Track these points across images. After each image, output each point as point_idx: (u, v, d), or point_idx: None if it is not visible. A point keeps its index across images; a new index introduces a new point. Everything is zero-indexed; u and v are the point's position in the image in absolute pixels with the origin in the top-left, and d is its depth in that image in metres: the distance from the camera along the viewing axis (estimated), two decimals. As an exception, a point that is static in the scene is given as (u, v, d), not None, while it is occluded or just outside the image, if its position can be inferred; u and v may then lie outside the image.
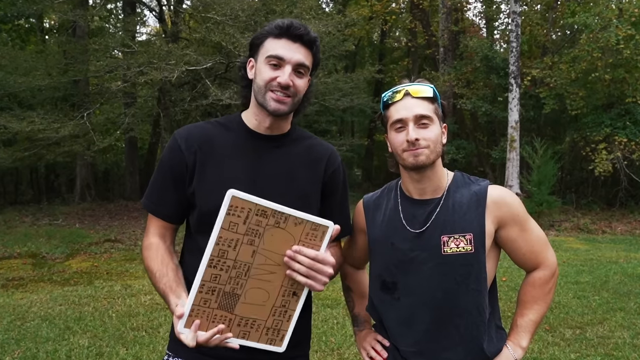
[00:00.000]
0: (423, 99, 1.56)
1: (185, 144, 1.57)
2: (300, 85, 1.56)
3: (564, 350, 4.31)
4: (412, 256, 1.57)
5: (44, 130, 11.55)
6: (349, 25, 14.15)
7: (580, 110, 13.58)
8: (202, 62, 11.21)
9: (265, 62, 1.53)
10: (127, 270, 7.71)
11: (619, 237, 11.22)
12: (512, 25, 13.45)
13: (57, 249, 9.32)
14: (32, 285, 6.82)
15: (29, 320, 5.17)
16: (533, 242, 1.61)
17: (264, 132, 1.62)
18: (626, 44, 12.12)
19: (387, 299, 1.63)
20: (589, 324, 5.04)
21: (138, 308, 5.58)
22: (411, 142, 1.52)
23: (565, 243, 10.13)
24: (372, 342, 1.71)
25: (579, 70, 13.20)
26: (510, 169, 12.99)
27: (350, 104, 14.59)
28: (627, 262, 8.11)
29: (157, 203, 1.63)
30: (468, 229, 1.54)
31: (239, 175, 1.56)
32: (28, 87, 12.73)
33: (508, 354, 1.60)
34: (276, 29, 1.53)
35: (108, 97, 14.28)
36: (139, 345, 4.44)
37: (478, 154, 17.01)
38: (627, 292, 6.19)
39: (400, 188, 1.69)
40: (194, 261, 1.55)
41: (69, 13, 12.61)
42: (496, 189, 1.60)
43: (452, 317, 1.55)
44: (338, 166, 1.71)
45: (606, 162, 12.85)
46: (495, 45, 18.64)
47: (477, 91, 15.80)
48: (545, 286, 1.63)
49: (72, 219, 12.86)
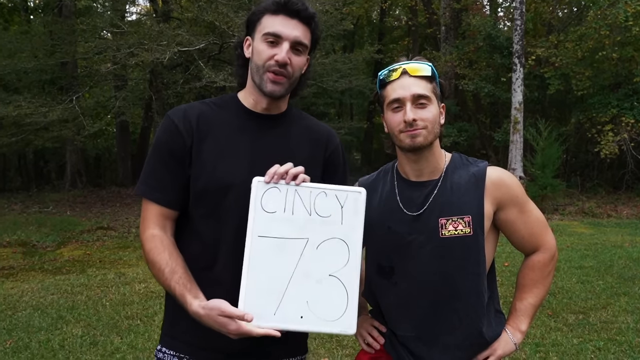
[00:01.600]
0: (421, 78, 1.56)
1: (183, 124, 1.55)
2: (298, 64, 1.56)
3: (567, 336, 4.36)
4: (410, 240, 1.58)
5: (32, 115, 11.49)
6: (347, 3, 14.05)
7: (586, 91, 13.52)
8: (194, 42, 11.12)
9: (262, 40, 1.53)
10: (120, 258, 7.74)
11: (624, 221, 11.26)
12: (517, 2, 13.33)
13: (48, 237, 9.34)
14: (22, 275, 6.85)
15: (20, 310, 5.21)
16: (532, 224, 1.63)
17: (261, 111, 1.62)
18: (635, 20, 11.99)
19: (384, 284, 1.64)
20: (592, 308, 5.09)
21: (132, 296, 5.62)
22: (408, 123, 1.52)
23: (569, 227, 10.18)
24: (368, 328, 1.72)
25: (585, 49, 13.11)
26: (513, 151, 12.99)
27: (349, 86, 14.51)
28: (632, 246, 8.16)
29: (156, 188, 1.55)
30: (466, 211, 1.55)
31: (239, 154, 1.56)
32: (13, 69, 12.64)
33: (507, 339, 1.62)
34: (273, 5, 1.52)
35: (97, 80, 14.20)
36: (133, 333, 4.48)
37: (480, 136, 17.00)
38: (632, 277, 6.24)
39: (397, 170, 1.69)
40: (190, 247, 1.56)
41: (55, -10, 12.50)
42: (495, 170, 1.61)
43: (451, 301, 1.57)
44: (337, 146, 1.72)
45: (612, 144, 12.83)
46: (499, 24, 18.48)
47: (480, 71, 15.72)
48: (544, 269, 1.65)
49: (62, 207, 12.87)
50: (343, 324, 1.38)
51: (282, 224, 1.40)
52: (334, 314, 1.38)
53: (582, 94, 13.72)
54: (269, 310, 1.37)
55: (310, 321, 1.38)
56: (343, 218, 1.42)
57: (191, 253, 1.54)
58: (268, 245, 1.39)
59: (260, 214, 1.39)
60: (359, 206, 1.43)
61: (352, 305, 1.39)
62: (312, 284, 1.38)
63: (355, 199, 1.42)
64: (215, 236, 1.53)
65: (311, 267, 1.39)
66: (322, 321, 1.38)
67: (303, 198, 1.41)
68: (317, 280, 1.39)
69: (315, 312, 1.38)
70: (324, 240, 1.40)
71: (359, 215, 1.42)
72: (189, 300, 1.40)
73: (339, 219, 1.41)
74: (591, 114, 13.76)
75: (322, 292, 1.38)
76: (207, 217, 1.54)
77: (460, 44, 16.42)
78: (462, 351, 1.60)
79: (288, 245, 1.39)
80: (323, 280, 1.39)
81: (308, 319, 1.38)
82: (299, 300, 1.38)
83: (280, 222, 1.40)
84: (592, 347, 4.11)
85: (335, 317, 1.38)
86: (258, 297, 1.37)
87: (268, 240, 1.39)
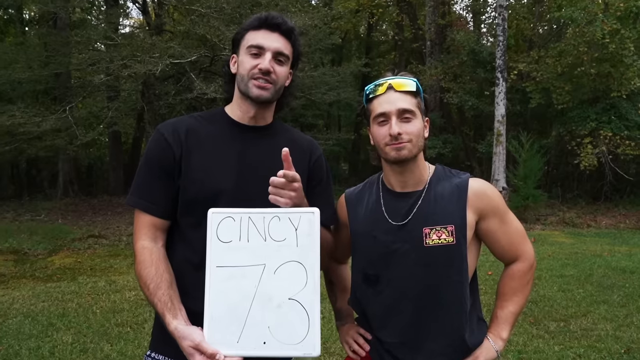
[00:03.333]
0: (406, 93, 1.57)
1: (172, 137, 1.58)
2: (281, 73, 1.60)
3: (548, 343, 4.38)
4: (394, 248, 1.58)
5: (25, 124, 11.39)
6: (335, 18, 14.13)
7: (566, 105, 13.66)
8: (186, 55, 11.11)
9: (246, 53, 1.59)
10: (111, 266, 7.66)
11: (603, 231, 11.36)
12: (499, 19, 13.48)
13: (40, 245, 9.21)
14: (13, 282, 6.75)
15: (10, 317, 5.13)
16: (512, 234, 1.64)
17: (248, 122, 1.64)
18: (612, 38, 12.16)
19: (369, 292, 1.65)
20: (572, 316, 5.11)
21: (123, 304, 5.56)
22: (394, 136, 1.53)
23: (550, 237, 10.26)
24: (354, 336, 1.72)
25: (565, 65, 13.27)
26: (496, 163, 13.08)
27: (337, 98, 14.56)
28: (611, 255, 8.23)
29: (147, 199, 1.56)
30: (449, 221, 1.56)
31: (226, 164, 1.57)
32: (8, 80, 12.52)
33: (489, 346, 1.63)
34: (255, 21, 1.60)
35: (91, 91, 14.10)
36: (123, 341, 4.43)
37: (465, 148, 17.11)
38: (611, 285, 6.29)
39: (382, 181, 1.70)
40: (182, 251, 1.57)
41: (50, 4, 12.42)
42: (477, 181, 1.62)
43: (434, 309, 1.57)
44: (319, 156, 1.74)
45: (591, 156, 12.98)
46: (482, 39, 18.71)
47: (464, 85, 15.86)
48: (523, 278, 1.66)
49: (54, 215, 12.72)
50: (306, 346, 1.35)
51: (239, 253, 1.39)
52: (296, 337, 1.36)
53: (562, 108, 13.86)
54: (232, 339, 1.36)
55: (273, 346, 1.36)
56: (298, 240, 1.39)
57: (184, 255, 1.57)
58: (226, 275, 1.38)
59: (216, 245, 1.39)
60: (314, 227, 1.40)
61: (313, 326, 1.36)
62: (273, 308, 1.37)
63: (309, 220, 1.40)
64: (204, 244, 1.52)
65: (270, 292, 1.37)
66: (285, 345, 1.36)
67: (257, 224, 1.40)
68: (277, 304, 1.37)
69: (277, 337, 1.36)
70: (280, 265, 1.38)
71: (314, 235, 1.39)
72: (168, 320, 1.42)
73: (294, 241, 1.39)
74: (571, 127, 13.91)
75: (282, 316, 1.37)
76: (196, 226, 1.55)
77: (445, 59, 16.57)
78: (445, 357, 1.60)
79: (246, 273, 1.38)
80: (283, 305, 1.37)
81: (271, 344, 1.36)
82: (260, 326, 1.36)
83: (237, 251, 1.39)
84: (573, 354, 4.13)
85: (298, 340, 1.36)
86: (221, 326, 1.37)
87: (226, 269, 1.38)
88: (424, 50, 17.66)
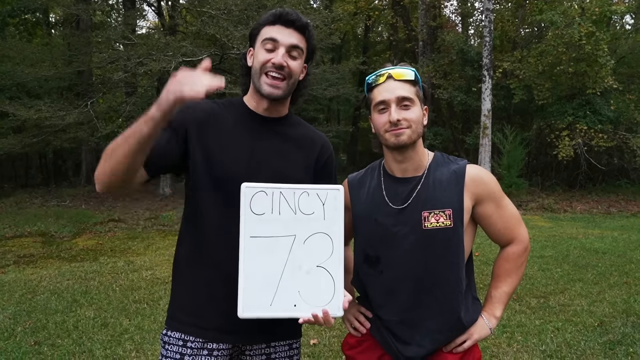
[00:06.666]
0: (405, 82, 1.51)
1: (193, 111, 1.50)
2: (295, 67, 1.52)
3: (530, 317, 4.35)
4: (395, 231, 1.53)
5: (51, 118, 11.31)
6: (335, 20, 13.95)
7: (546, 100, 13.59)
8: (197, 53, 11.00)
9: (261, 47, 1.51)
10: (129, 248, 7.64)
11: (578, 216, 11.35)
12: (486, 21, 13.38)
13: (65, 228, 9.20)
14: (41, 262, 6.72)
15: (39, 294, 5.11)
16: (507, 218, 1.58)
17: (263, 113, 1.58)
18: (587, 40, 12.11)
19: (370, 273, 1.60)
20: (551, 293, 5.09)
21: (140, 282, 5.53)
22: (393, 123, 1.48)
23: (531, 221, 10.22)
24: (355, 314, 1.67)
25: (545, 64, 13.18)
26: (482, 153, 13.03)
27: (337, 94, 14.44)
28: (585, 237, 8.21)
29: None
30: (447, 205, 1.50)
31: (239, 150, 1.51)
32: (35, 77, 12.42)
33: (483, 324, 1.58)
34: (271, 17, 1.52)
35: (110, 87, 14.00)
36: (140, 316, 4.40)
37: (454, 140, 17.02)
38: (585, 265, 6.27)
39: (384, 167, 1.64)
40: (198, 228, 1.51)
41: (73, 7, 12.30)
42: (474, 167, 1.56)
43: (432, 289, 1.52)
44: (330, 154, 1.68)
45: (568, 147, 12.93)
46: (470, 40, 18.56)
47: (453, 82, 15.73)
48: (517, 260, 1.61)
49: (78, 201, 12.69)
50: (332, 307, 1.37)
51: (271, 224, 1.37)
52: (324, 300, 1.37)
53: (542, 103, 13.79)
54: (266, 302, 1.36)
55: (302, 308, 1.36)
56: (325, 214, 1.40)
57: (210, 225, 1.49)
58: (259, 245, 1.36)
59: (250, 217, 1.37)
60: (338, 202, 1.40)
61: (338, 290, 1.38)
62: (302, 275, 1.37)
63: (334, 196, 1.40)
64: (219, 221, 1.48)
65: (300, 260, 1.37)
66: (314, 307, 1.36)
67: (288, 199, 1.39)
68: (306, 271, 1.37)
69: (307, 300, 1.37)
70: (309, 236, 1.38)
71: (338, 210, 1.40)
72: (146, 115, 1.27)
73: (322, 215, 1.39)
74: (550, 121, 13.84)
75: (311, 281, 1.37)
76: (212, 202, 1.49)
77: (435, 58, 16.43)
78: (442, 335, 1.56)
79: (278, 243, 1.37)
80: (312, 271, 1.38)
81: (300, 307, 1.36)
82: (291, 291, 1.36)
83: (269, 223, 1.37)
84: (552, 327, 4.10)
85: (325, 302, 1.37)
86: (255, 291, 1.35)
87: (259, 240, 1.37)
88: (417, 49, 17.50)
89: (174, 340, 1.52)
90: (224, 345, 1.51)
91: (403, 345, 1.57)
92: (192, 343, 1.50)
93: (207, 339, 1.50)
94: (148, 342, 3.83)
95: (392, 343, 1.58)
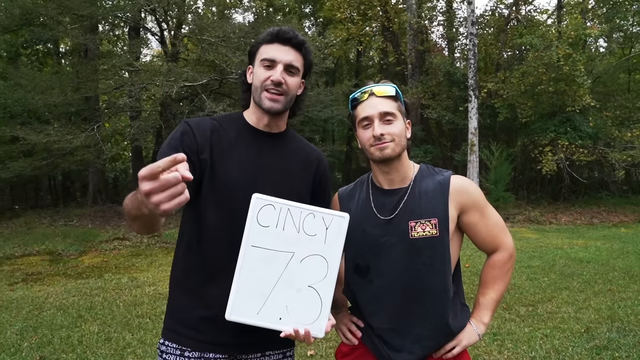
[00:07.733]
0: (386, 98, 1.51)
1: (197, 130, 1.49)
2: (292, 83, 1.52)
3: (519, 325, 4.31)
4: (383, 241, 1.51)
5: (59, 142, 11.31)
6: (328, 45, 14.12)
7: (529, 118, 13.70)
8: (198, 78, 11.09)
9: (260, 65, 1.51)
10: (133, 265, 7.56)
11: (563, 227, 11.34)
12: (470, 45, 13.54)
13: (72, 247, 9.12)
14: (48, 279, 6.64)
15: (45, 310, 5.03)
16: (492, 226, 1.57)
17: (264, 129, 1.56)
18: (565, 61, 12.30)
19: (361, 282, 1.57)
20: (539, 301, 5.05)
21: (143, 298, 5.46)
22: (377, 137, 1.48)
23: (519, 233, 10.21)
24: (347, 324, 1.64)
25: (527, 84, 13.31)
26: (471, 169, 13.06)
27: (331, 115, 14.52)
28: (570, 247, 8.20)
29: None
30: (433, 215, 1.49)
31: (242, 165, 1.49)
32: (45, 103, 12.42)
33: (471, 330, 1.55)
34: (268, 36, 1.52)
35: (115, 111, 14.04)
36: (143, 330, 4.33)
37: (443, 157, 17.07)
38: (571, 274, 6.24)
39: (372, 180, 1.63)
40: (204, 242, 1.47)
41: (81, 38, 12.40)
42: (458, 178, 1.55)
43: (420, 296, 1.50)
44: (325, 169, 1.67)
45: (551, 162, 13.00)
46: (456, 63, 18.75)
47: (441, 102, 15.85)
48: (504, 267, 1.59)
49: (85, 220, 12.60)
50: (314, 328, 1.35)
51: (273, 238, 1.35)
52: (309, 319, 1.35)
53: (525, 121, 13.90)
54: (254, 310, 1.33)
55: (287, 322, 1.34)
56: (327, 238, 1.37)
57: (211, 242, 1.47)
58: (259, 255, 1.34)
59: (255, 227, 1.34)
60: (342, 229, 1.38)
61: (324, 313, 1.35)
62: (293, 291, 1.35)
63: (339, 223, 1.38)
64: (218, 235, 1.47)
65: (294, 277, 1.35)
66: (297, 324, 1.34)
67: (294, 217, 1.37)
68: (297, 289, 1.35)
69: (292, 316, 1.35)
70: (307, 256, 1.36)
71: (340, 236, 1.38)
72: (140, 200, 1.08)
73: (323, 238, 1.37)
74: (534, 138, 13.93)
75: (300, 299, 1.35)
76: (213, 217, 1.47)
77: (424, 80, 16.58)
78: (432, 341, 1.52)
79: (276, 257, 1.35)
80: (302, 290, 1.35)
81: (285, 321, 1.34)
82: (280, 304, 1.34)
83: (272, 236, 1.35)
84: (541, 335, 4.06)
85: (309, 322, 1.35)
86: (245, 298, 1.33)
87: (259, 250, 1.34)
88: (406, 72, 17.66)
89: (171, 349, 1.49)
90: (220, 356, 1.48)
91: (394, 352, 1.53)
92: (190, 353, 1.47)
93: (204, 350, 1.47)
94: (150, 355, 3.76)
95: (384, 350, 1.55)
